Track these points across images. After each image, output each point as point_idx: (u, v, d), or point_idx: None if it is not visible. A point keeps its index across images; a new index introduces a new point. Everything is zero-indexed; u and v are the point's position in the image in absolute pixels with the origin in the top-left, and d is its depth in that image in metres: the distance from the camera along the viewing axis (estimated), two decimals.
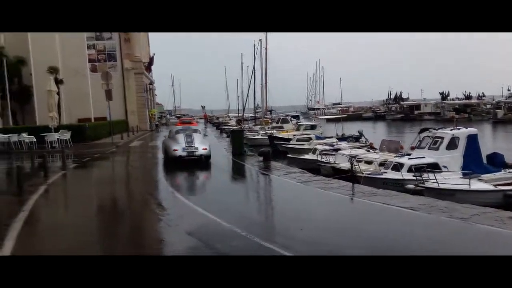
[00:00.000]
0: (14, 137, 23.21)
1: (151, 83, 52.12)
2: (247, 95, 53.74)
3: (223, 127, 43.64)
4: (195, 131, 17.58)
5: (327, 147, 22.38)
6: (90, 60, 35.42)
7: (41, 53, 31.51)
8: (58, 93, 25.58)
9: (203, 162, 15.18)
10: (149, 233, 7.40)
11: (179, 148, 15.43)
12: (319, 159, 19.48)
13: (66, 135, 23.66)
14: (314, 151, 22.37)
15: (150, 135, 37.59)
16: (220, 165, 16.05)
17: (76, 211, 9.27)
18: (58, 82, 29.43)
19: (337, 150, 21.53)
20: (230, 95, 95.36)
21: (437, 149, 15.81)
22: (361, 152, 20.23)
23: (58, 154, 18.87)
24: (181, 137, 16.02)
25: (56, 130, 23.98)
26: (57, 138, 23.10)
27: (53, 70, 30.01)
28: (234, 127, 38.04)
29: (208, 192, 10.82)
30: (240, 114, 60.83)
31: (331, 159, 19.43)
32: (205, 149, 15.75)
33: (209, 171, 14.42)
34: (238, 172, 14.74)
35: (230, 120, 64.94)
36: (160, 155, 17.70)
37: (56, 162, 17.55)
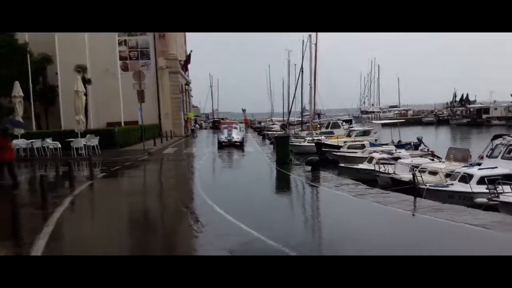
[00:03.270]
0: (38, 143, 24.25)
1: (187, 83, 53.25)
2: (294, 97, 53.81)
3: (266, 132, 44.14)
4: (235, 127, 31.57)
5: (385, 156, 22.22)
6: (121, 58, 36.71)
7: (68, 50, 32.45)
8: (85, 94, 26.43)
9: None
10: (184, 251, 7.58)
11: (223, 137, 29.43)
12: (377, 168, 19.29)
13: (94, 141, 24.60)
14: (370, 160, 22.26)
15: (185, 141, 38.51)
16: (263, 175, 16.35)
17: (104, 225, 9.63)
18: (86, 82, 30.71)
19: (396, 159, 21.33)
20: (274, 98, 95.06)
21: (511, 158, 15.57)
22: (424, 162, 19.94)
23: (85, 162, 19.73)
24: (225, 131, 30.30)
25: (83, 135, 25.00)
26: (84, 144, 24.10)
27: (81, 69, 31.20)
28: (278, 133, 38.29)
29: (250, 206, 10.83)
30: (285, 118, 61.13)
31: (390, 169, 19.25)
32: (238, 138, 29.28)
33: (250, 182, 14.71)
34: (283, 183, 14.87)
35: (274, 124, 65.47)
36: (197, 165, 19.98)
37: (82, 170, 18.44)
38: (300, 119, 56.52)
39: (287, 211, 10.54)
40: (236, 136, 29.64)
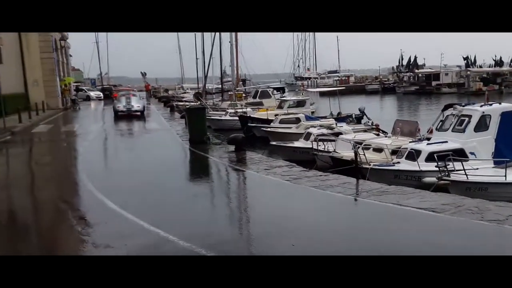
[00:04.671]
0: None
1: (63, 38, 49.63)
2: (211, 57, 52.34)
3: (176, 103, 43.49)
4: (134, 95, 34.44)
5: (324, 131, 23.00)
6: None
7: None
8: None
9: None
10: None
11: (120, 105, 31.90)
12: (315, 147, 19.96)
13: None
14: (306, 136, 22.95)
15: (64, 115, 36.99)
16: (172, 158, 16.26)
17: None
18: None
19: (337, 134, 22.17)
20: (184, 58, 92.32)
21: (463, 131, 16.55)
22: (368, 137, 20.92)
23: None
24: (122, 99, 32.61)
25: None
26: None
27: None
28: (191, 104, 37.68)
29: (155, 199, 10.54)
30: (200, 85, 59.89)
31: (330, 146, 19.98)
32: (139, 106, 32.09)
33: (156, 168, 14.45)
34: (198, 168, 14.93)
35: (185, 93, 64.08)
36: (82, 147, 19.43)
37: None
38: (220, 86, 55.62)
39: (204, 202, 10.51)
40: (136, 104, 31.53)
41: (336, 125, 25.39)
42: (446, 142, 16.25)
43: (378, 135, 22.22)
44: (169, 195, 11.01)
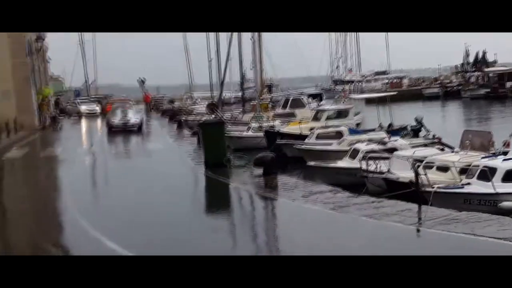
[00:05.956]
0: None
1: (40, 38, 48.98)
2: (227, 59, 48.61)
3: (185, 118, 43.58)
4: (130, 107, 37.39)
5: (374, 147, 22.97)
6: None
7: None
8: None
9: None
10: None
11: (115, 119, 33.87)
12: (363, 166, 20.00)
13: None
14: (352, 154, 22.92)
15: (42, 136, 36.86)
16: (186, 186, 16.34)
17: None
18: None
19: (391, 151, 22.07)
20: (193, 60, 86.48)
21: None
22: (430, 153, 20.71)
23: None
24: (117, 112, 34.53)
25: None
26: None
27: None
28: (204, 118, 37.13)
29: (164, 239, 10.52)
30: (214, 95, 58.59)
31: (382, 166, 19.97)
32: (136, 120, 33.73)
33: (164, 199, 14.44)
34: (217, 197, 14.99)
35: (195, 104, 62.93)
36: (69, 175, 19.69)
37: None
38: (240, 94, 53.82)
39: (225, 241, 10.46)
40: (133, 117, 32.87)
41: (389, 139, 25.22)
42: None
43: (442, 150, 21.99)
44: (181, 233, 10.98)
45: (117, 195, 16.17)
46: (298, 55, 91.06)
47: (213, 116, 38.75)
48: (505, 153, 17.54)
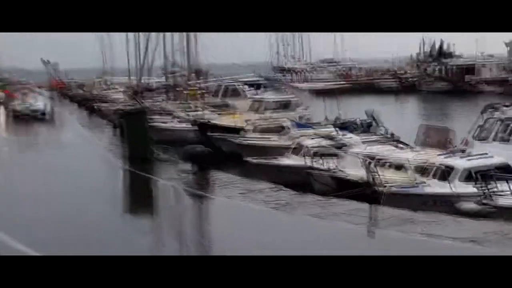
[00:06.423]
0: None
1: None
2: (147, 40, 46.37)
3: (98, 105, 42.69)
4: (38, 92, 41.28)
5: (323, 143, 23.01)
6: None
7: None
8: None
9: None
10: None
11: (17, 106, 35.81)
12: (311, 164, 20.00)
13: None
14: (296, 150, 22.86)
15: None
16: (104, 182, 15.88)
17: None
18: None
19: (340, 147, 22.28)
20: (112, 40, 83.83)
21: (508, 139, 17.06)
22: (383, 150, 21.00)
23: None
24: (20, 97, 36.79)
25: None
26: None
27: None
28: (126, 107, 35.94)
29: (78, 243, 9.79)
30: (136, 79, 55.35)
31: (330, 163, 19.98)
32: (39, 105, 33.95)
33: (77, 198, 13.59)
34: (141, 196, 14.80)
35: (110, 89, 62.80)
36: None
37: None
38: (165, 80, 53.44)
39: (145, 244, 9.93)
40: (38, 103, 33.11)
41: (338, 134, 25.41)
42: (487, 155, 16.47)
43: (397, 147, 22.23)
44: (98, 236, 10.33)
45: (25, 196, 14.61)
46: (235, 37, 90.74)
47: (135, 104, 37.13)
48: (463, 151, 17.89)
